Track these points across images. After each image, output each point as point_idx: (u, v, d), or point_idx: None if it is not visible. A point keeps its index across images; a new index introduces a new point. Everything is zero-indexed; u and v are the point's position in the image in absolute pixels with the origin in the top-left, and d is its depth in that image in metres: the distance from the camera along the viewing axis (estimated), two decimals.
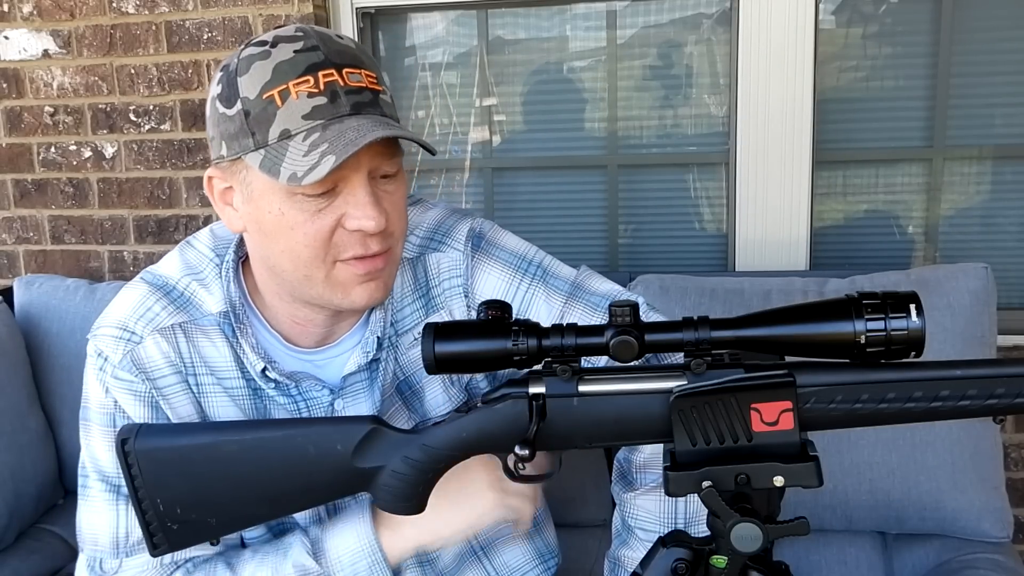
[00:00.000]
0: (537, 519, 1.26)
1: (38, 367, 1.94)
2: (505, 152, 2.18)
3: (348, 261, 0.95)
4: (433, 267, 1.08)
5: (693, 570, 0.85)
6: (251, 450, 0.93)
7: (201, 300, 1.05)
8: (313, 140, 0.89)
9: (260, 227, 0.96)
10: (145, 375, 1.02)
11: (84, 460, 1.07)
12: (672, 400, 0.81)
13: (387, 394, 1.08)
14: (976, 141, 1.97)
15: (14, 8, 2.14)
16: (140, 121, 2.14)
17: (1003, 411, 0.79)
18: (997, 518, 1.54)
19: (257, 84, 0.90)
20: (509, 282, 1.08)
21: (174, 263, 1.08)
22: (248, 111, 0.91)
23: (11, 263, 2.29)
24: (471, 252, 1.08)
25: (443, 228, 1.10)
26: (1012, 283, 2.00)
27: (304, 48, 0.91)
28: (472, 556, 1.20)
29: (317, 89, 0.90)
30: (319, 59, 0.91)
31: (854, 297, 0.78)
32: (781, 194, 1.97)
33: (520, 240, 1.13)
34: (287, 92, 0.89)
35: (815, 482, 0.79)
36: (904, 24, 1.96)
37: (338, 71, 0.91)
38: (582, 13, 2.07)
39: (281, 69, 0.90)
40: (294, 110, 0.89)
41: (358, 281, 0.97)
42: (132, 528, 1.04)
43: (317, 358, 1.07)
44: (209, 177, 0.99)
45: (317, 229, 0.93)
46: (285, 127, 0.89)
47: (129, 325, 1.03)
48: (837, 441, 1.56)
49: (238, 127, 0.92)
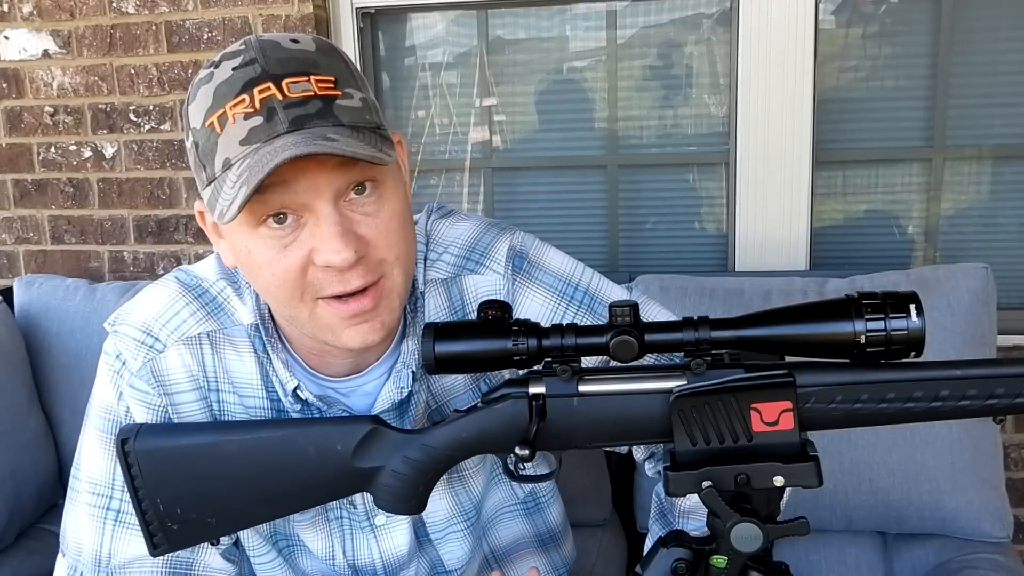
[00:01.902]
0: (556, 535, 1.22)
1: (38, 367, 1.94)
2: (505, 152, 2.18)
3: (328, 300, 0.85)
4: (470, 290, 0.99)
5: (693, 570, 0.85)
6: (251, 450, 0.93)
7: (234, 309, 0.97)
8: (240, 169, 0.79)
9: (241, 264, 0.89)
10: (163, 388, 0.96)
11: (78, 462, 1.01)
12: (672, 400, 0.81)
13: (418, 424, 1.01)
14: (976, 141, 1.97)
15: (14, 8, 2.14)
16: (140, 121, 2.14)
17: (1003, 411, 0.79)
18: (997, 518, 1.54)
19: (201, 112, 0.82)
20: (554, 309, 0.99)
21: (211, 266, 1.01)
22: (197, 142, 0.83)
23: (11, 263, 2.29)
24: (512, 275, 0.99)
25: (480, 246, 1.00)
26: (1012, 283, 2.00)
27: (242, 63, 0.81)
28: (487, 568, 1.17)
29: (253, 108, 0.79)
30: (255, 73, 0.81)
31: (854, 297, 0.78)
32: (781, 194, 1.97)
33: (564, 257, 1.04)
34: (225, 117, 0.80)
35: (815, 482, 0.79)
36: (904, 24, 1.96)
37: (276, 83, 0.80)
38: (582, 13, 2.07)
39: (220, 91, 0.81)
40: (232, 136, 0.80)
41: (344, 324, 0.86)
42: (116, 551, 0.98)
43: (343, 386, 1.00)
44: (199, 211, 0.92)
45: (285, 268, 0.83)
46: (226, 156, 0.80)
47: (154, 330, 0.96)
48: (837, 441, 1.56)
49: (194, 161, 0.85)
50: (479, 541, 1.15)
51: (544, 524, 1.21)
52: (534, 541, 1.20)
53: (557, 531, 1.23)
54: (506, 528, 1.17)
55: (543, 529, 1.21)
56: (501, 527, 1.17)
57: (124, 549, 0.99)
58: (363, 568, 1.08)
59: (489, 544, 1.17)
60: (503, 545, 1.18)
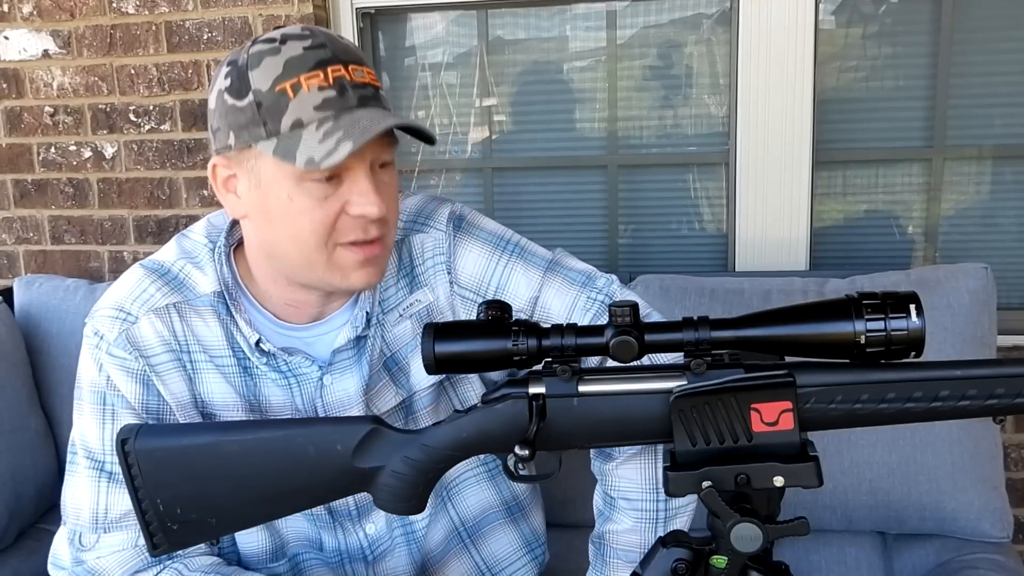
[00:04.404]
0: (524, 503, 1.28)
1: (38, 367, 1.94)
2: (505, 152, 2.18)
3: (347, 246, 1.00)
4: (417, 248, 1.14)
5: (693, 570, 0.85)
6: (251, 450, 0.93)
7: (195, 282, 1.09)
8: (327, 129, 0.94)
9: (265, 213, 1.00)
10: (139, 352, 1.07)
11: (74, 437, 1.11)
12: (672, 400, 0.81)
13: (375, 369, 1.11)
14: (976, 141, 1.97)
15: (14, 8, 2.14)
16: (140, 121, 2.14)
17: (1003, 411, 0.79)
18: (997, 518, 1.54)
19: (269, 77, 0.95)
20: (489, 258, 1.13)
21: (170, 249, 1.14)
22: (260, 102, 0.95)
23: (11, 263, 2.29)
24: (453, 232, 1.14)
25: (425, 212, 1.16)
26: (1012, 283, 2.00)
27: (313, 45, 0.97)
28: (459, 543, 1.23)
29: (327, 83, 0.95)
30: (327, 56, 0.96)
31: (854, 297, 0.78)
32: (781, 194, 1.97)
33: (497, 224, 1.19)
34: (299, 85, 0.95)
35: (815, 482, 0.79)
36: (904, 24, 1.96)
37: (344, 67, 0.97)
38: (582, 13, 2.07)
39: (292, 64, 0.95)
40: (306, 102, 0.95)
41: (356, 266, 1.02)
42: (112, 505, 1.08)
43: (307, 335, 1.11)
44: (214, 165, 1.03)
45: (324, 215, 0.98)
46: (298, 117, 0.95)
47: (125, 306, 1.08)
48: (837, 441, 1.56)
49: (249, 117, 0.96)
50: (442, 501, 1.20)
51: (509, 490, 1.26)
52: (502, 511, 1.25)
53: (523, 499, 1.28)
54: (472, 495, 1.22)
55: (508, 496, 1.26)
56: (467, 493, 1.22)
57: (120, 502, 1.07)
58: (338, 510, 1.16)
59: (457, 512, 1.22)
60: (472, 515, 1.23)
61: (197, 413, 1.09)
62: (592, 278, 1.13)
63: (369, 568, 1.18)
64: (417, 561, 1.19)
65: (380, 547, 1.18)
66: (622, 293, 1.13)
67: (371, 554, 1.18)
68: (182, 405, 1.09)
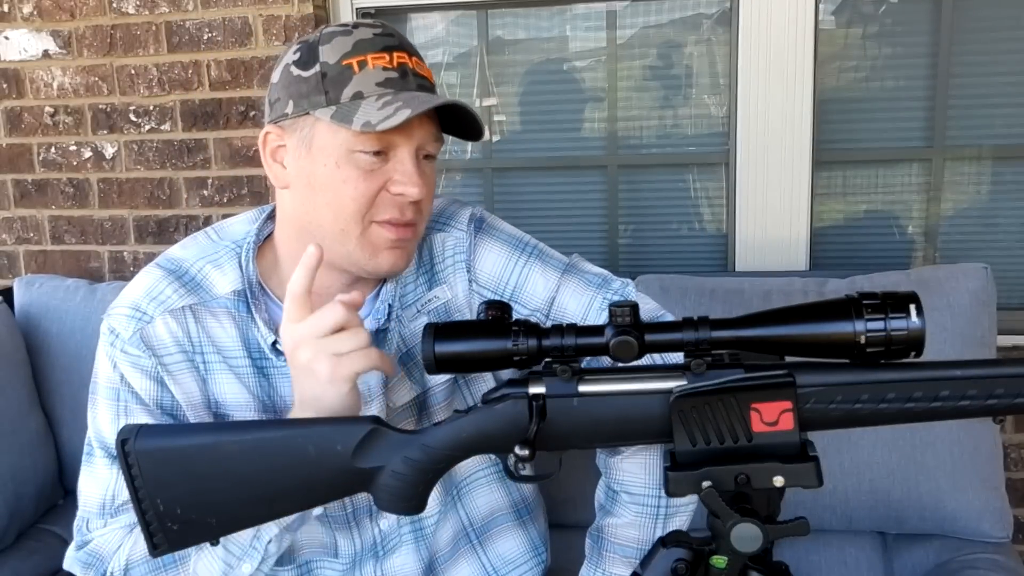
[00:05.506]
0: (531, 505, 1.29)
1: (38, 367, 1.94)
2: (505, 152, 2.18)
3: (383, 224, 1.03)
4: (438, 246, 1.16)
5: (693, 570, 0.85)
6: (251, 450, 0.93)
7: (212, 283, 1.11)
8: (386, 99, 0.99)
9: (310, 180, 1.03)
10: (152, 351, 1.08)
11: (90, 436, 1.11)
12: (672, 400, 0.81)
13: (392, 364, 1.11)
14: (976, 141, 1.97)
15: (14, 8, 2.14)
16: (140, 121, 2.14)
17: (1003, 411, 0.79)
18: (997, 518, 1.54)
19: (338, 52, 1.01)
20: (508, 258, 1.16)
21: (191, 247, 1.15)
22: (325, 73, 1.00)
23: (11, 263, 2.29)
24: (473, 232, 1.16)
25: (447, 213, 1.18)
26: (1012, 283, 2.00)
27: (382, 33, 1.04)
28: (467, 543, 1.23)
29: (391, 65, 1.01)
30: (394, 43, 1.03)
31: (854, 297, 0.78)
32: (781, 194, 1.97)
33: (516, 228, 1.21)
34: (365, 63, 1.00)
35: (815, 482, 0.79)
36: (904, 24, 1.96)
37: (408, 55, 1.04)
38: (582, 13, 2.07)
39: (361, 44, 1.01)
40: (370, 77, 1.00)
41: (387, 245, 1.04)
42: (120, 491, 1.08)
43: None
44: (266, 133, 1.06)
45: (366, 187, 1.01)
46: (359, 90, 0.99)
47: (141, 306, 1.09)
48: (837, 441, 1.56)
49: (312, 86, 1.01)
50: (452, 500, 1.20)
51: (518, 492, 1.27)
52: (511, 513, 1.26)
53: (531, 501, 1.29)
54: (481, 496, 1.23)
55: (517, 498, 1.26)
56: (476, 494, 1.23)
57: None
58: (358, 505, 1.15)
59: (467, 512, 1.22)
60: (481, 516, 1.23)
61: (209, 414, 1.10)
62: (608, 280, 1.15)
63: (378, 566, 1.18)
64: (425, 559, 1.19)
65: (390, 542, 1.18)
66: (637, 296, 1.13)
67: (382, 549, 1.18)
68: (193, 405, 1.09)
